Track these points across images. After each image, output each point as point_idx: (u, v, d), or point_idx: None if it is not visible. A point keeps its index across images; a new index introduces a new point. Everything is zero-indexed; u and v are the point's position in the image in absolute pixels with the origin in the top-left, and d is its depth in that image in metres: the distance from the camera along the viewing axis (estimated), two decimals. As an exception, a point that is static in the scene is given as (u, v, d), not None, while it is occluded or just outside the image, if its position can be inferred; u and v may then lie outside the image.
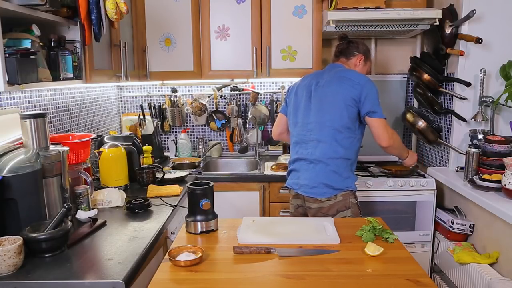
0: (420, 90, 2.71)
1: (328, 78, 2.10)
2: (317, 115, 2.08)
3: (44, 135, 1.53)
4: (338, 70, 2.13)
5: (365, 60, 2.22)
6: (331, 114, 2.03)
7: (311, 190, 2.07)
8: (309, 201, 2.09)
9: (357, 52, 2.19)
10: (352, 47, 2.20)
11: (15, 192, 1.39)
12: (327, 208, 2.04)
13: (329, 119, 2.04)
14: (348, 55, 2.20)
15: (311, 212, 2.09)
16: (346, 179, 2.06)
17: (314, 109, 2.09)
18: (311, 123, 2.09)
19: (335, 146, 2.03)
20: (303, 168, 2.11)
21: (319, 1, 2.73)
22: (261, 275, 1.27)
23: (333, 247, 1.45)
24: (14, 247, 1.25)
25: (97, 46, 2.03)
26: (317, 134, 2.07)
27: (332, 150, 2.03)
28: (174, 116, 3.12)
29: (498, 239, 2.04)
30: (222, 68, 2.85)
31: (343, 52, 2.21)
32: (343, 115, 2.01)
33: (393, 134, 2.08)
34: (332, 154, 2.03)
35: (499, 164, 2.19)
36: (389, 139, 2.04)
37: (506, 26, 2.43)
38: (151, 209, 1.89)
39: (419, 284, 1.20)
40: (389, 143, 2.05)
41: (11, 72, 1.42)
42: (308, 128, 2.10)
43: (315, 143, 2.07)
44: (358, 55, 2.19)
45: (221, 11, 2.78)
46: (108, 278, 1.23)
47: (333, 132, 2.03)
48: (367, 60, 2.24)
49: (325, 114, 2.05)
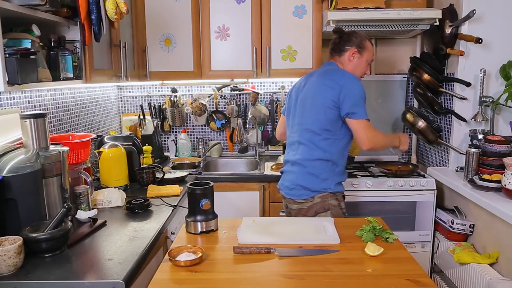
0: (420, 90, 2.71)
1: (314, 79, 2.08)
2: (299, 117, 2.09)
3: (44, 135, 1.53)
4: (325, 69, 2.09)
5: (360, 53, 2.08)
6: (310, 116, 2.03)
7: (290, 191, 2.09)
8: (290, 202, 2.11)
9: (349, 46, 2.07)
10: (344, 42, 2.09)
11: (15, 192, 1.39)
12: (305, 210, 2.05)
13: (307, 122, 2.04)
14: (340, 51, 2.10)
15: (293, 213, 2.10)
16: (324, 181, 2.02)
17: (298, 111, 2.10)
18: (295, 125, 2.11)
19: (312, 149, 2.02)
20: (287, 170, 2.14)
21: (319, 1, 2.73)
22: (261, 275, 1.27)
23: (333, 247, 1.45)
24: (14, 247, 1.25)
25: (97, 46, 2.03)
26: (299, 136, 2.08)
27: (310, 152, 2.03)
28: (174, 116, 3.12)
29: (498, 239, 2.04)
30: (222, 68, 2.85)
31: (335, 48, 2.12)
32: (320, 118, 1.99)
33: (374, 136, 1.97)
34: (309, 156, 2.03)
35: (499, 164, 2.19)
36: (368, 142, 1.95)
37: (506, 26, 2.43)
38: (151, 209, 1.89)
39: (419, 284, 1.20)
40: (368, 146, 1.96)
41: (11, 72, 1.42)
42: (294, 130, 2.12)
43: (297, 145, 2.08)
44: (350, 49, 2.07)
45: (221, 11, 2.78)
46: (108, 278, 1.23)
47: (311, 134, 2.02)
48: (363, 52, 2.08)
49: (305, 116, 2.06)
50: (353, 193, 2.56)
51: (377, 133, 2.00)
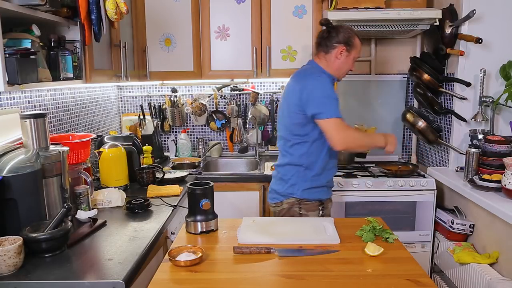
0: (420, 90, 2.71)
1: (289, 82, 2.03)
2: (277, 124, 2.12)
3: (44, 135, 1.53)
4: (299, 71, 2.03)
5: (349, 51, 1.95)
6: (281, 123, 2.06)
7: (268, 194, 2.13)
8: (269, 205, 2.14)
9: (337, 43, 1.94)
10: (332, 37, 1.95)
11: (15, 192, 1.39)
12: (277, 213, 2.06)
13: (280, 128, 2.07)
14: (327, 48, 1.96)
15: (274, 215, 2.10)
16: (291, 186, 1.98)
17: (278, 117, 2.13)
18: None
19: (284, 155, 2.03)
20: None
21: (319, 1, 2.73)
22: (261, 275, 1.27)
23: (333, 247, 1.45)
24: (14, 247, 1.25)
25: (97, 46, 2.03)
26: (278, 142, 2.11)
27: (281, 158, 2.05)
28: (174, 116, 3.12)
29: (498, 239, 2.04)
30: (222, 68, 2.85)
31: (322, 44, 1.98)
32: (287, 123, 1.97)
33: (347, 136, 1.85)
34: (281, 161, 2.05)
35: (499, 164, 2.19)
36: (339, 142, 1.83)
37: (506, 26, 2.43)
38: (151, 209, 1.89)
39: (419, 284, 1.20)
40: (340, 147, 1.84)
41: (11, 72, 1.42)
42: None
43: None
44: (338, 46, 1.94)
45: (221, 11, 2.78)
46: (108, 278, 1.23)
47: (283, 141, 2.03)
48: (351, 50, 1.96)
49: (279, 122, 2.09)
50: (353, 193, 2.56)
51: (351, 132, 1.89)
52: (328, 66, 1.99)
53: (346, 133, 1.85)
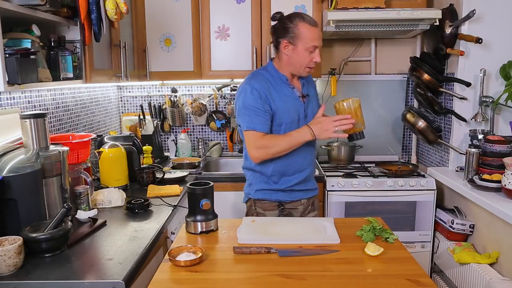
0: (420, 90, 2.71)
1: None
2: None
3: (44, 135, 1.53)
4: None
5: (293, 43, 1.77)
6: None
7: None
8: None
9: (280, 38, 1.79)
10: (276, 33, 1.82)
11: (15, 192, 1.39)
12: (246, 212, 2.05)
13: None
14: (276, 45, 1.84)
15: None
16: (248, 186, 2.01)
17: None
18: None
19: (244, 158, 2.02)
20: None
21: (319, 1, 2.73)
22: (261, 275, 1.27)
23: (333, 247, 1.45)
24: (14, 247, 1.25)
25: (97, 46, 2.03)
26: None
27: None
28: (174, 116, 3.12)
29: (498, 239, 2.04)
30: (222, 68, 2.84)
31: (273, 41, 1.85)
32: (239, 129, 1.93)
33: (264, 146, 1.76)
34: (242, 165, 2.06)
35: (499, 164, 2.19)
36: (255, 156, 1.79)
37: (506, 26, 2.43)
38: (151, 209, 1.89)
39: (419, 284, 1.20)
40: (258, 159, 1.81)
41: (11, 72, 1.42)
42: None
43: None
44: (281, 41, 1.79)
45: (221, 11, 2.78)
46: (108, 278, 1.23)
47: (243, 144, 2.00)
48: (296, 41, 1.76)
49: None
50: (353, 193, 2.56)
51: (264, 142, 1.78)
52: (281, 65, 1.87)
53: (262, 144, 1.78)
